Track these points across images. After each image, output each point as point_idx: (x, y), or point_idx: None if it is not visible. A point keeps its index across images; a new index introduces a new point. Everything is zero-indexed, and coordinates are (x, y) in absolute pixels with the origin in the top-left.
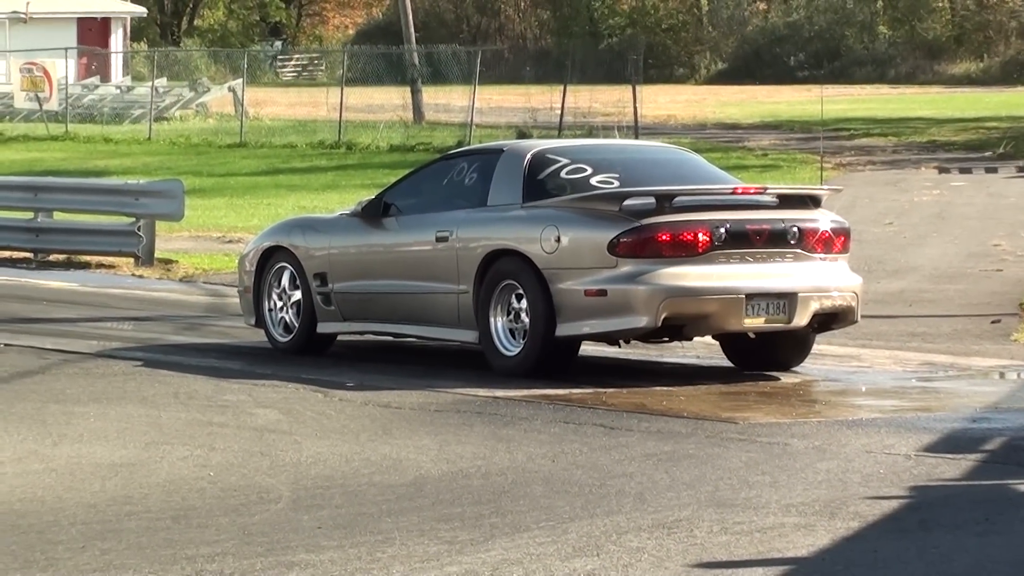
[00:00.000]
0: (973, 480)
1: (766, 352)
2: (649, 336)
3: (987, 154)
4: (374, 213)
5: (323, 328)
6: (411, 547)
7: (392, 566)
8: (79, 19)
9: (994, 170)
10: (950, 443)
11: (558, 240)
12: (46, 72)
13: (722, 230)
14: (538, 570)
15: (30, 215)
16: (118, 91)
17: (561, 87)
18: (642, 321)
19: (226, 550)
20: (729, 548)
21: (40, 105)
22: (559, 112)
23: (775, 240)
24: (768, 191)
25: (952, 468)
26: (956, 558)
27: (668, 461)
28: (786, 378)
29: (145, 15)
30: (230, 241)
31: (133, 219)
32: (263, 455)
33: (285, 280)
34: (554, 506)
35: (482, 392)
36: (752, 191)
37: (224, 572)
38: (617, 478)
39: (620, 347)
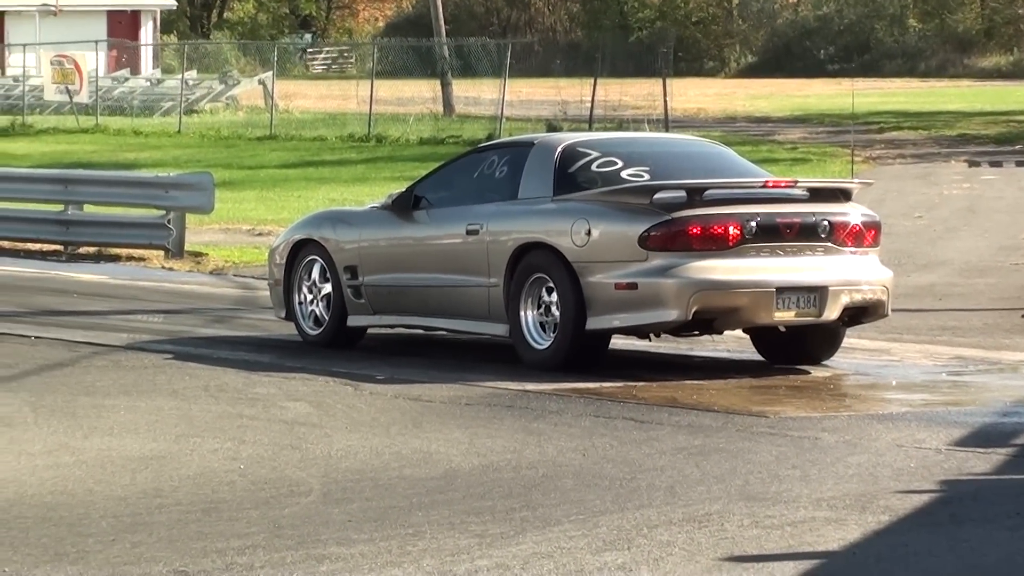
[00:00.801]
0: (1004, 474)
1: (796, 346)
2: (679, 329)
3: (1017, 148)
4: (404, 206)
5: (353, 321)
6: (442, 540)
7: (423, 559)
8: (109, 12)
9: None
10: (980, 437)
11: (588, 233)
12: (76, 65)
13: (753, 223)
14: (569, 563)
15: (60, 207)
16: (148, 84)
17: (591, 80)
18: (672, 314)
19: (256, 543)
20: (760, 542)
21: (70, 97)
22: (589, 105)
23: (806, 233)
24: (799, 184)
25: (983, 462)
26: (987, 552)
27: (698, 455)
28: (816, 372)
29: (175, 7)
30: (260, 234)
31: (163, 212)
32: (293, 448)
33: (315, 273)
34: (585, 500)
35: (512, 385)
36: (783, 184)
37: (254, 565)
38: (648, 472)
39: (650, 340)
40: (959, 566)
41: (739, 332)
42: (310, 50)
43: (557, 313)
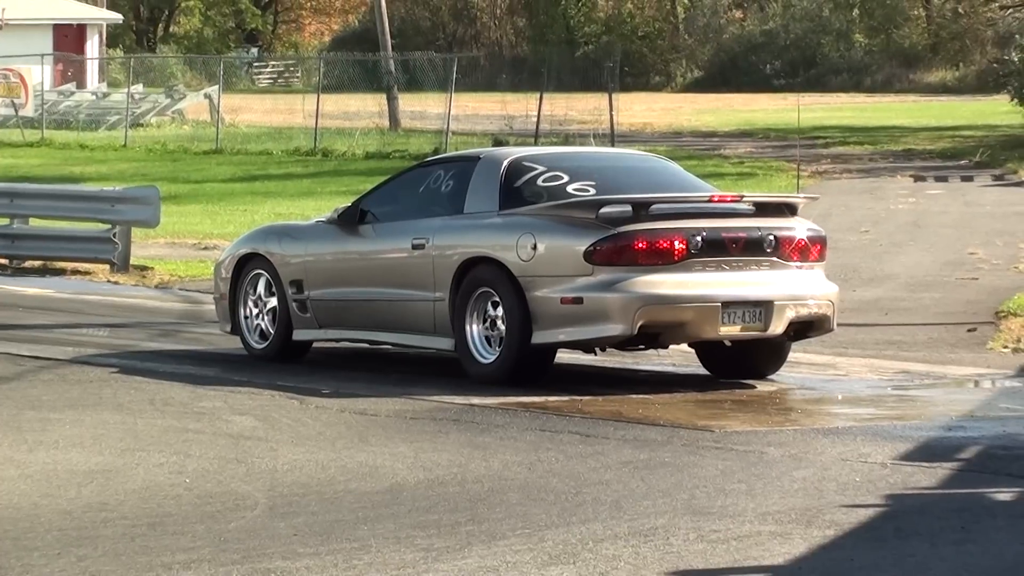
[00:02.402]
0: (949, 489)
1: (741, 360)
2: (625, 344)
3: (963, 162)
4: (350, 220)
5: (299, 335)
6: (387, 554)
7: (368, 573)
8: (55, 25)
9: (970, 179)
10: (926, 452)
11: (534, 248)
12: (22, 78)
13: (698, 238)
14: None
15: (5, 221)
16: (94, 97)
17: (537, 95)
18: (618, 329)
19: (202, 557)
20: (705, 556)
21: (16, 111)
22: (535, 120)
23: (751, 248)
24: (744, 199)
25: (928, 477)
26: (933, 567)
27: (644, 469)
28: (762, 386)
29: (121, 21)
30: (206, 248)
31: (109, 225)
32: (239, 462)
33: (261, 287)
34: (530, 514)
35: (458, 400)
36: (728, 199)
37: None
38: (593, 486)
39: (596, 355)
40: None
41: (685, 346)
42: (256, 64)
43: (503, 327)
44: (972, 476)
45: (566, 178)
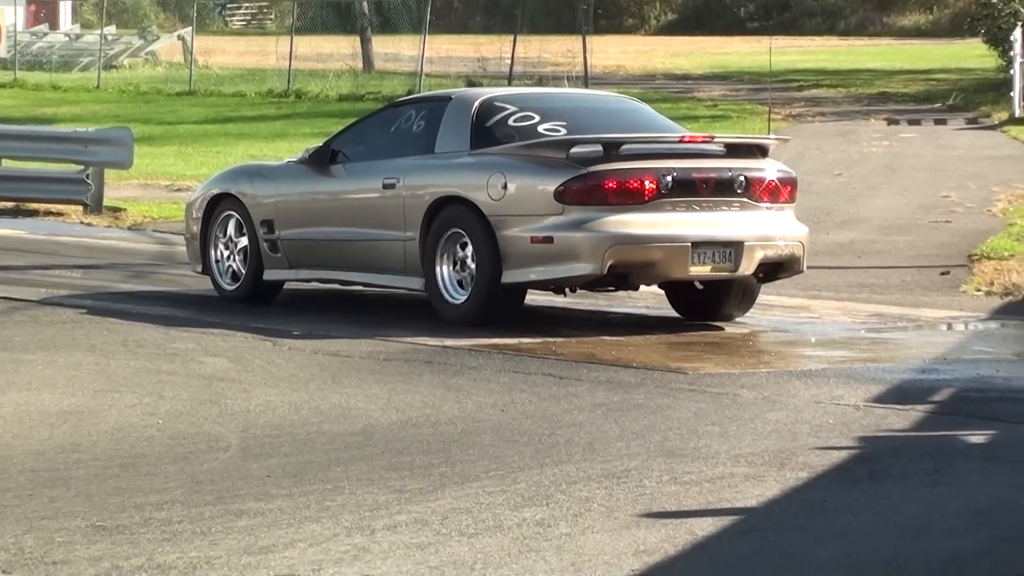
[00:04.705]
0: (922, 431)
1: (711, 302)
2: (595, 284)
3: (936, 106)
4: (321, 161)
5: (270, 275)
6: (360, 496)
7: (341, 515)
8: None
9: (943, 122)
10: (899, 394)
11: (505, 187)
12: None
13: (669, 178)
14: (488, 519)
15: None
16: (67, 39)
17: (511, 37)
18: (588, 268)
19: (175, 498)
20: (678, 498)
21: None
22: (509, 62)
23: (721, 189)
24: (715, 140)
25: (901, 419)
26: (905, 508)
27: (617, 411)
28: (735, 328)
29: None
30: (179, 189)
31: (82, 167)
32: (212, 403)
33: (232, 228)
34: (503, 455)
35: (431, 341)
36: (699, 140)
37: (172, 520)
38: (567, 428)
39: (566, 296)
40: (877, 522)
41: (656, 288)
42: (229, 6)
43: (473, 267)
44: (945, 419)
45: (537, 118)
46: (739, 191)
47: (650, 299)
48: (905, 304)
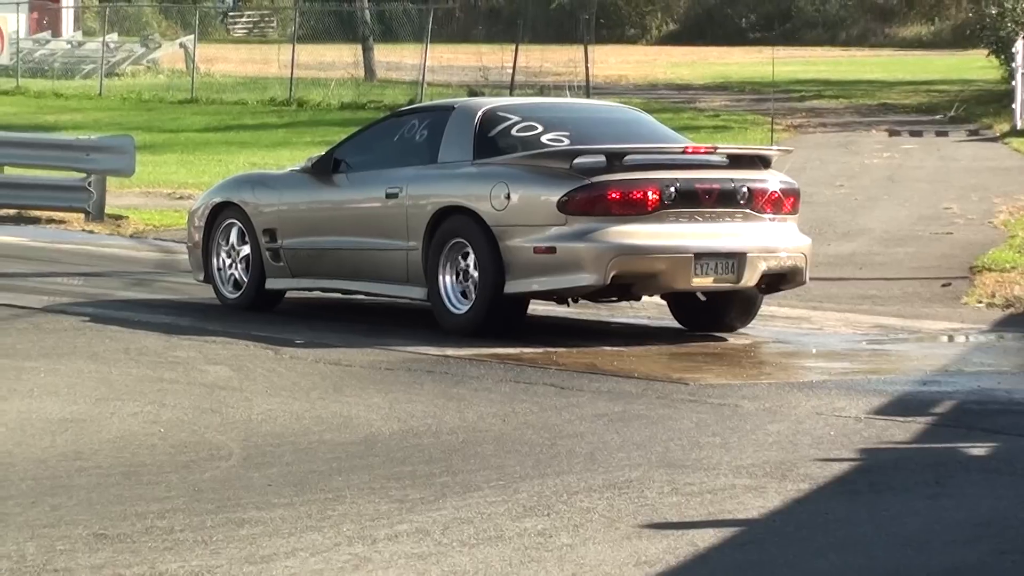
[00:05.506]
0: (923, 443)
1: (713, 313)
2: (598, 294)
3: (938, 117)
4: (324, 169)
5: (272, 284)
6: (362, 505)
7: (343, 524)
8: None
9: (945, 133)
10: (900, 406)
11: (508, 197)
12: None
13: (672, 189)
14: (489, 529)
15: None
16: (69, 46)
17: (513, 46)
18: (591, 279)
19: (176, 507)
20: (680, 509)
21: None
22: (511, 71)
23: (724, 200)
24: (718, 151)
25: (902, 431)
26: (906, 520)
27: (619, 421)
28: (736, 340)
29: None
30: (180, 197)
31: (84, 175)
32: (213, 412)
33: (234, 236)
34: (505, 465)
35: (432, 351)
36: (702, 150)
37: (174, 529)
38: (568, 438)
39: (569, 306)
40: (878, 534)
41: (658, 299)
42: (232, 14)
43: (476, 277)
44: (946, 431)
45: (540, 128)
46: (742, 202)
47: (652, 310)
48: (906, 316)
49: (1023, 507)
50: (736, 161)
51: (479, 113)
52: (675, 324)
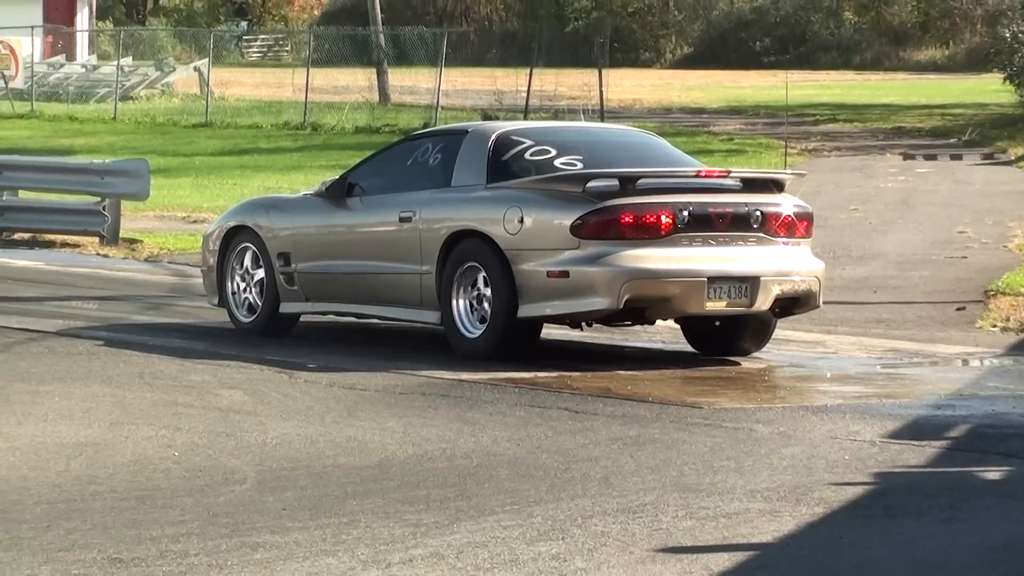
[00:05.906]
0: (938, 467)
1: (727, 337)
2: (611, 318)
3: (952, 141)
4: (338, 193)
5: (286, 308)
6: (376, 529)
7: (357, 548)
8: None
9: (959, 157)
10: (915, 430)
11: (521, 221)
12: (12, 50)
13: (685, 213)
14: (503, 553)
15: None
16: (84, 70)
17: (527, 70)
18: (604, 303)
19: (191, 531)
20: (694, 533)
21: (5, 83)
22: (525, 95)
23: (738, 224)
24: (732, 175)
25: (917, 455)
26: (921, 544)
27: (633, 445)
28: (750, 363)
29: None
30: (195, 221)
31: (98, 198)
32: (228, 436)
33: (248, 260)
34: (519, 489)
35: (447, 375)
36: (716, 174)
37: (189, 553)
38: (582, 462)
39: (582, 330)
40: (893, 559)
41: (672, 323)
42: (246, 38)
43: (489, 301)
44: (961, 455)
45: (553, 152)
46: (755, 226)
47: (666, 334)
48: (921, 340)
49: None
50: (750, 185)
51: (492, 137)
52: (689, 348)
